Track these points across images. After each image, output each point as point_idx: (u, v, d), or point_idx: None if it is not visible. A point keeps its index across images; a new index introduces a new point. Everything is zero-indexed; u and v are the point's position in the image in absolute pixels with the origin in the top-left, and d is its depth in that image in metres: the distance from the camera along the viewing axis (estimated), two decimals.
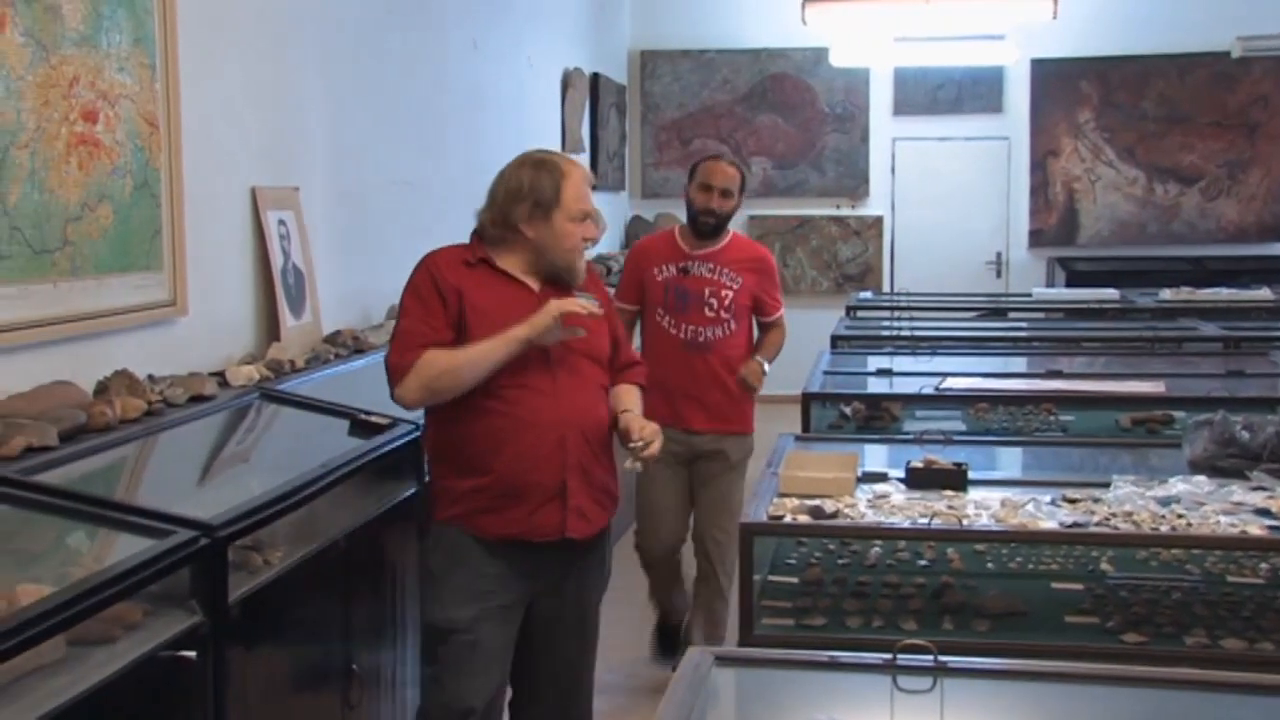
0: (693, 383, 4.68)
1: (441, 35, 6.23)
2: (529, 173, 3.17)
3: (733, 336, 4.72)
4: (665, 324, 4.72)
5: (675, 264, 4.74)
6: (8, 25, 3.02)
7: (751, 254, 4.86)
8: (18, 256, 3.08)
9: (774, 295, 4.84)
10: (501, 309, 3.10)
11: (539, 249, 3.17)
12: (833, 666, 2.26)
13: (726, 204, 4.69)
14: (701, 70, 11.00)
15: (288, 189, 4.49)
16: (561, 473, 3.09)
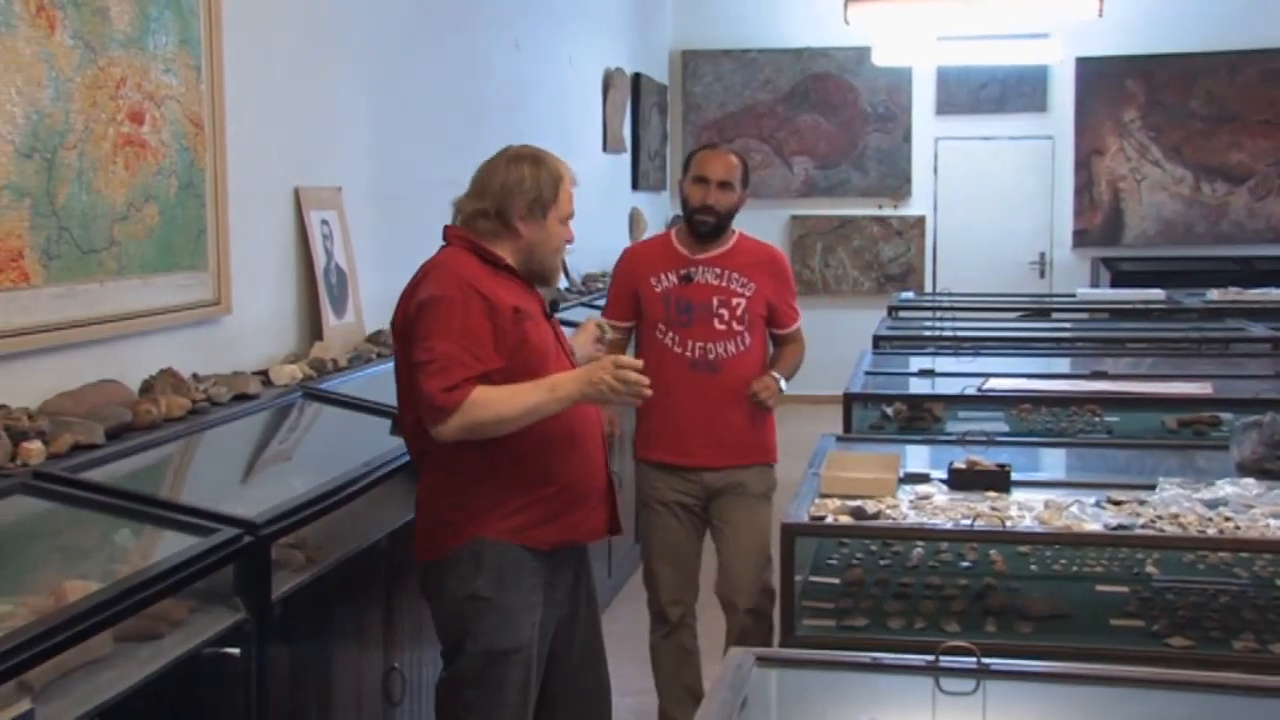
0: (703, 410, 4.00)
1: (484, 35, 6.25)
2: (529, 169, 3.05)
3: (748, 352, 4.04)
4: (668, 341, 4.03)
5: (675, 271, 4.06)
6: (58, 27, 3.05)
7: (763, 255, 4.17)
8: (66, 256, 3.11)
9: (790, 303, 4.18)
10: (534, 312, 3.05)
11: (530, 248, 3.06)
12: (875, 668, 2.24)
13: (726, 199, 4.03)
14: (743, 70, 10.98)
15: (330, 189, 4.52)
16: (606, 472, 3.14)
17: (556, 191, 3.05)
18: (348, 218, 4.57)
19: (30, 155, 2.97)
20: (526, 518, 2.99)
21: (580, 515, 3.08)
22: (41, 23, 3.00)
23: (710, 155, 4.12)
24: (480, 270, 2.99)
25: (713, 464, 4.02)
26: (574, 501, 3.06)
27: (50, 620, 2.13)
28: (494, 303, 2.92)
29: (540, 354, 2.99)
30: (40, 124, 3.00)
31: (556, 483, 3.02)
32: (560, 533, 3.05)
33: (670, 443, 4.03)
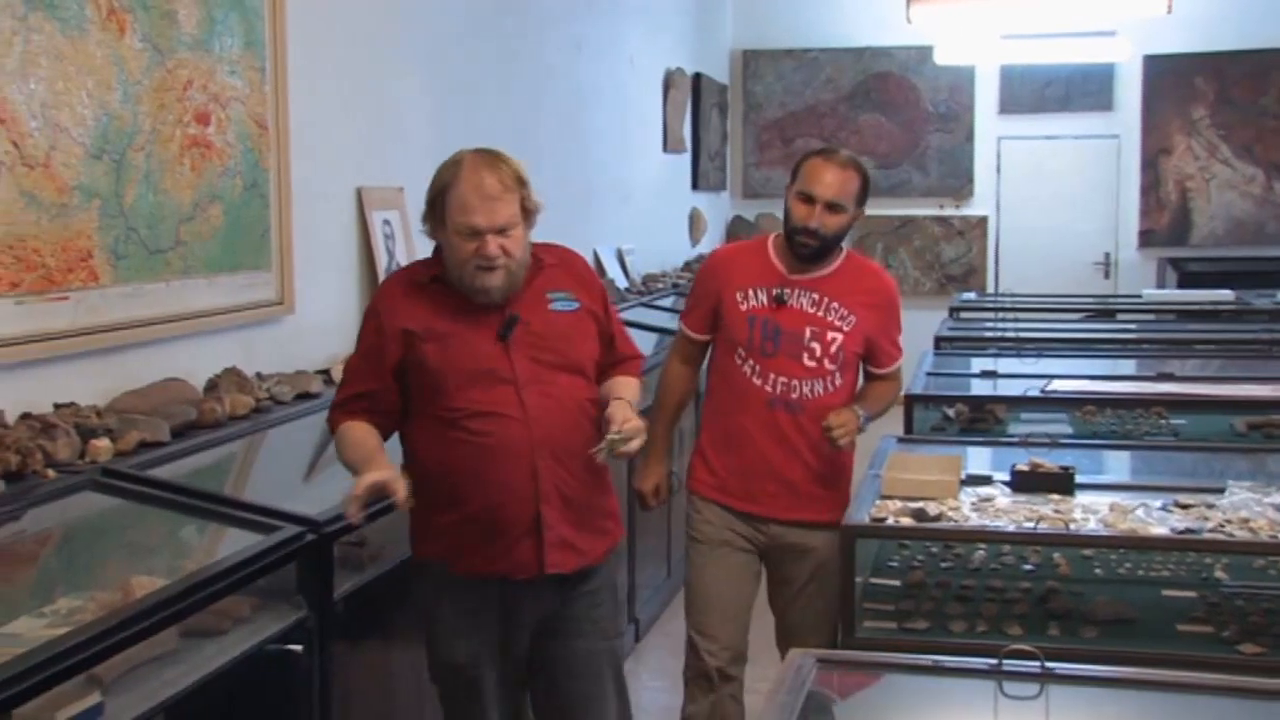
0: (777, 453, 3.45)
1: (545, 36, 6.27)
2: (436, 172, 2.82)
3: (835, 394, 3.45)
4: (746, 370, 3.45)
5: (768, 289, 3.46)
6: (127, 30, 3.09)
7: (871, 282, 3.54)
8: (133, 256, 3.15)
9: (894, 340, 3.59)
10: (459, 330, 2.77)
11: (448, 260, 2.80)
12: (937, 671, 2.23)
13: (835, 221, 3.38)
14: (804, 69, 10.94)
15: (392, 189, 4.55)
16: (535, 504, 2.75)
17: (442, 199, 2.74)
18: (409, 217, 4.60)
19: (100, 157, 3.02)
20: (446, 542, 2.81)
21: (501, 547, 2.77)
22: (112, 26, 3.04)
23: (822, 167, 3.39)
24: (409, 283, 2.85)
25: (781, 515, 3.48)
26: (489, 531, 2.76)
27: (118, 615, 2.16)
28: (383, 322, 2.80)
29: (447, 377, 2.75)
30: (109, 126, 3.05)
31: (460, 511, 2.77)
32: (485, 563, 2.79)
33: (735, 485, 3.51)
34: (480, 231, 2.69)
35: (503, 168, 2.76)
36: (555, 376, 2.81)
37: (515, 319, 2.79)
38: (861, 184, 3.43)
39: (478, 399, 2.74)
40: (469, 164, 2.75)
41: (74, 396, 2.97)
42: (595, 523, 2.90)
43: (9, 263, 2.77)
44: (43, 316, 2.88)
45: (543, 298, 2.85)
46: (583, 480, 2.83)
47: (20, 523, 2.56)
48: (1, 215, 2.74)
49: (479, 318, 2.78)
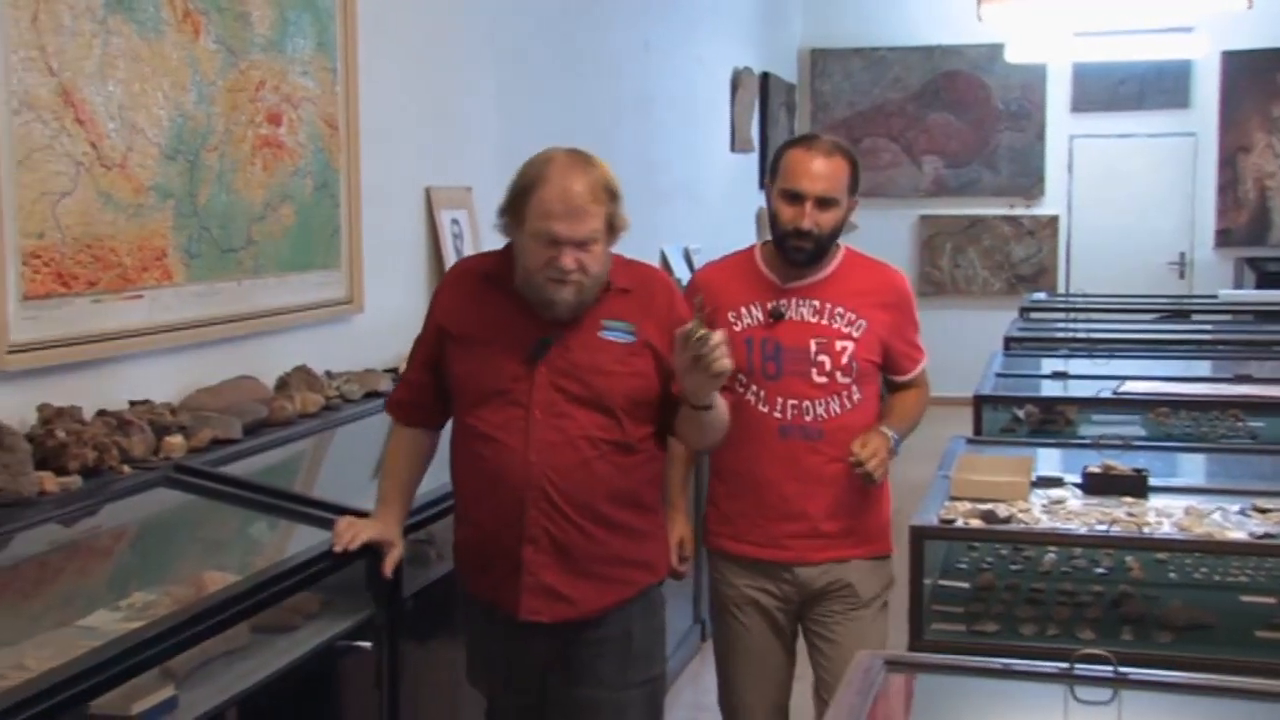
0: (796, 488, 3.00)
1: (612, 35, 6.28)
2: (521, 167, 2.58)
3: (856, 411, 3.01)
4: (750, 398, 3.00)
5: (762, 304, 3.03)
6: (202, 32, 3.14)
7: (877, 279, 3.10)
8: (206, 255, 3.19)
9: (912, 341, 3.13)
10: (494, 340, 2.57)
11: (519, 261, 2.56)
12: (1007, 674, 2.20)
13: (828, 218, 2.95)
14: (873, 68, 10.87)
15: (461, 189, 4.57)
16: (518, 544, 2.54)
17: (524, 199, 2.50)
18: (478, 217, 4.62)
19: (174, 157, 3.06)
20: (459, 556, 2.71)
21: (491, 579, 2.62)
22: (187, 28, 3.09)
23: (804, 158, 2.96)
24: (466, 274, 2.71)
25: (810, 558, 3.03)
26: (482, 558, 2.63)
27: (191, 610, 2.19)
28: (433, 312, 2.69)
29: (465, 390, 2.60)
30: (184, 127, 3.09)
31: (464, 529, 2.68)
32: (481, 589, 2.67)
33: (754, 531, 3.06)
34: (559, 241, 2.45)
35: (595, 175, 2.51)
36: (574, 410, 2.53)
37: (548, 343, 2.54)
38: (852, 171, 3.00)
39: (486, 419, 2.55)
40: (559, 166, 2.50)
41: (149, 394, 3.01)
42: (603, 571, 2.59)
43: (87, 261, 2.81)
44: (119, 315, 2.92)
45: (595, 323, 2.56)
46: (586, 527, 2.54)
47: (97, 518, 2.60)
48: (79, 215, 2.79)
49: (518, 332, 2.55)
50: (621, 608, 2.63)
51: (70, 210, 2.76)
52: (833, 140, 3.04)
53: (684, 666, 4.87)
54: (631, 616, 2.66)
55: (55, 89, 2.71)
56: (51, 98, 2.70)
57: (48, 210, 2.70)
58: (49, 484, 2.51)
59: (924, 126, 10.82)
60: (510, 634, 2.63)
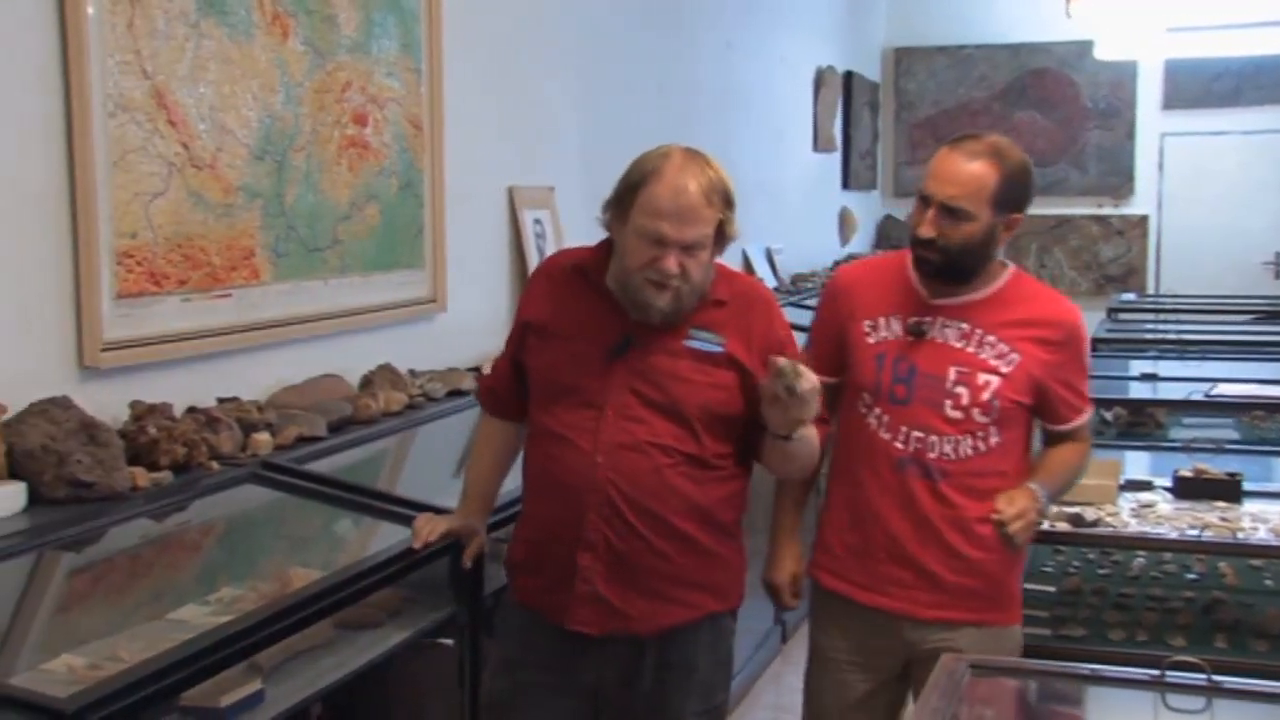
0: (909, 530, 2.63)
1: (695, 35, 6.27)
2: (634, 161, 2.43)
3: (989, 457, 2.62)
4: (872, 421, 2.66)
5: (903, 318, 2.68)
6: (290, 34, 3.18)
7: (1046, 311, 2.68)
8: (293, 255, 3.23)
9: (1077, 387, 2.71)
10: (576, 335, 2.46)
11: (620, 257, 2.44)
12: (1095, 680, 2.16)
13: (958, 231, 2.57)
14: (958, 67, 10.76)
15: (543, 188, 4.59)
16: (573, 548, 2.41)
17: (634, 193, 2.36)
18: (560, 217, 4.63)
19: (262, 158, 3.10)
20: (512, 555, 2.57)
21: (541, 582, 2.48)
22: (276, 30, 3.13)
23: (943, 157, 2.62)
24: (557, 267, 2.58)
25: (917, 613, 2.63)
26: (538, 560, 2.49)
27: (278, 605, 2.22)
28: (522, 304, 2.62)
29: (541, 386, 2.51)
30: (272, 127, 3.13)
31: (525, 528, 2.57)
32: (528, 594, 2.52)
33: (856, 569, 2.70)
34: (665, 241, 2.32)
35: (711, 177, 2.38)
36: (649, 416, 2.40)
37: (630, 341, 2.42)
38: (1002, 181, 2.59)
39: (559, 417, 2.45)
40: (676, 162, 2.36)
41: (236, 391, 3.06)
42: (665, 589, 2.42)
43: (177, 261, 2.86)
44: (207, 313, 2.97)
45: (683, 330, 2.43)
46: (651, 539, 2.39)
47: (186, 513, 2.64)
48: (171, 215, 2.83)
49: (601, 330, 2.44)
50: (687, 634, 2.46)
51: (162, 210, 2.81)
52: (990, 143, 2.62)
53: (764, 668, 4.84)
54: (698, 647, 2.49)
55: (149, 91, 2.76)
56: (145, 100, 2.75)
57: (140, 210, 2.75)
58: (141, 479, 2.55)
59: (1009, 125, 10.67)
60: (556, 648, 2.45)
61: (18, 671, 1.96)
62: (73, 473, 2.42)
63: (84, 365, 2.67)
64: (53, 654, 2.01)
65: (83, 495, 2.44)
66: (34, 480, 2.40)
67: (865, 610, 2.68)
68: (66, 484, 2.41)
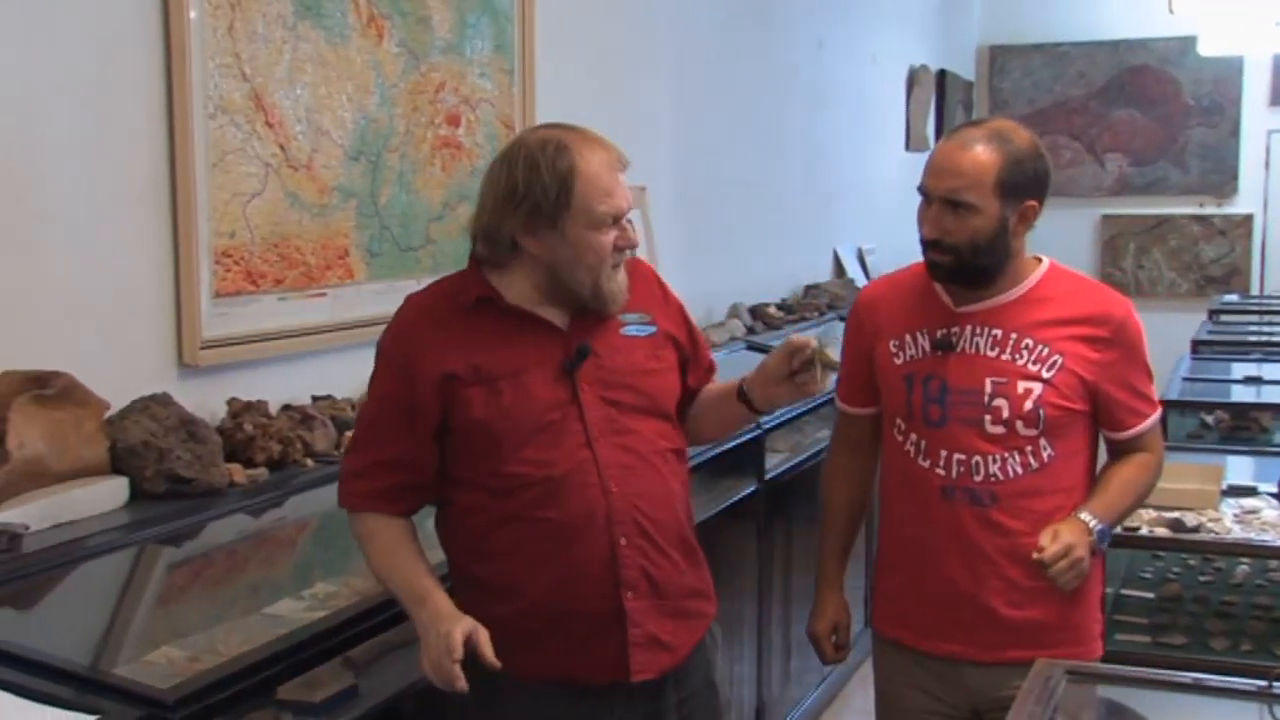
0: (962, 567, 2.41)
1: (787, 35, 6.24)
2: (524, 167, 2.13)
3: (1044, 474, 2.38)
4: (910, 449, 2.46)
5: (928, 332, 2.46)
6: (385, 36, 3.21)
7: (1089, 305, 2.42)
8: (386, 254, 3.27)
9: (1137, 387, 2.43)
10: (518, 369, 2.13)
11: (551, 270, 2.15)
12: (1197, 689, 2.11)
13: (963, 226, 2.35)
14: (1054, 64, 10.60)
15: (635, 188, 4.58)
16: (615, 592, 2.13)
17: (566, 192, 2.11)
18: (651, 216, 4.63)
19: (357, 158, 3.14)
20: (500, 636, 2.06)
21: (568, 645, 2.14)
22: (371, 33, 3.16)
23: (940, 152, 2.41)
24: (442, 310, 2.20)
25: (981, 657, 2.41)
26: (555, 627, 2.14)
27: (371, 601, 2.24)
28: (413, 365, 2.13)
29: (501, 435, 2.11)
30: (367, 128, 3.17)
31: (522, 600, 2.13)
32: (550, 666, 2.15)
33: (913, 614, 2.50)
34: (621, 216, 2.16)
35: (605, 140, 2.24)
36: (635, 423, 2.18)
37: (586, 349, 2.16)
38: (1007, 166, 2.32)
39: (540, 460, 2.11)
40: (579, 142, 2.16)
41: (330, 389, 3.10)
42: (688, 605, 2.24)
43: (274, 260, 2.91)
44: (303, 312, 3.01)
45: (614, 320, 2.21)
46: (674, 556, 2.20)
47: (282, 509, 2.68)
48: (268, 215, 2.88)
49: (536, 351, 2.15)
50: (700, 652, 2.27)
51: (259, 210, 2.85)
52: (991, 128, 2.37)
53: (855, 670, 4.79)
54: (710, 661, 2.32)
55: (247, 94, 2.80)
56: (244, 102, 2.79)
57: (239, 211, 2.80)
58: (238, 475, 2.60)
59: (1107, 123, 10.50)
60: (577, 707, 2.16)
61: (121, 663, 2.00)
62: (172, 468, 2.46)
63: (183, 363, 2.72)
64: (154, 646, 2.05)
65: (182, 491, 2.48)
66: (136, 475, 2.45)
67: (925, 657, 2.49)
68: (166, 479, 2.46)
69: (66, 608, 2.21)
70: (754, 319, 5.41)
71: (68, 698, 1.73)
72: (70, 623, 2.15)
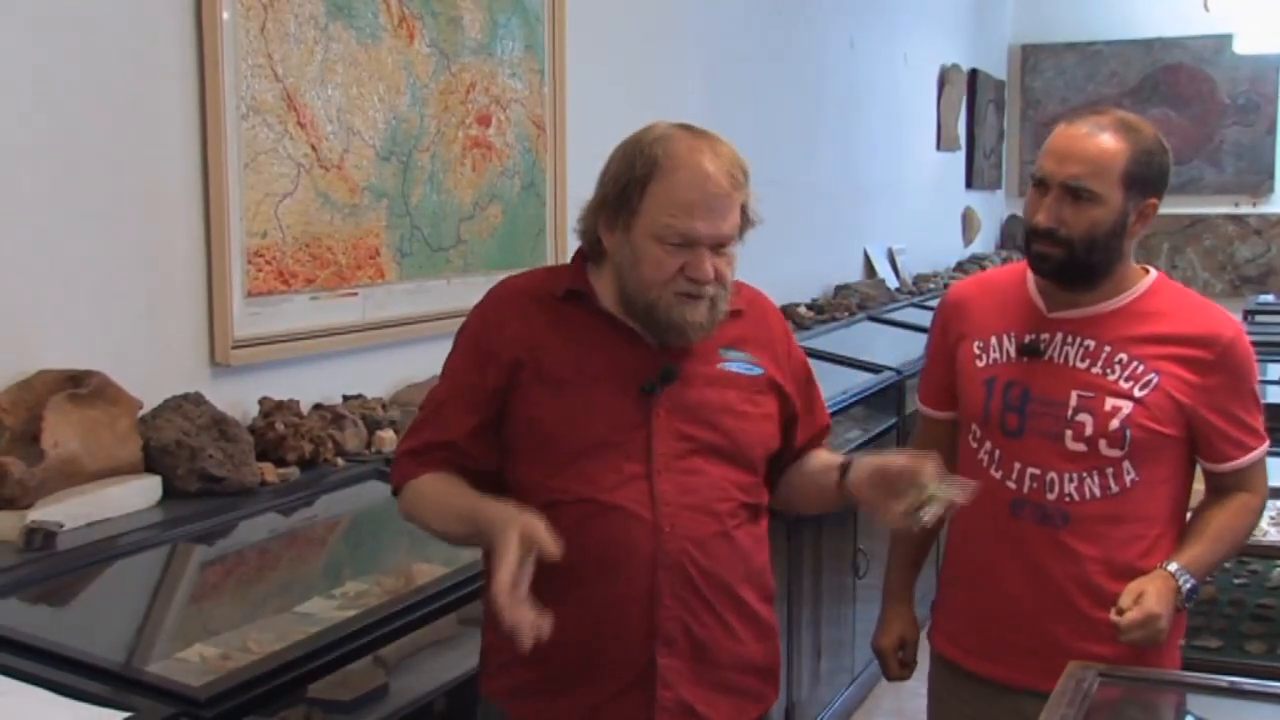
0: (1027, 588, 2.25)
1: (818, 34, 6.22)
2: (622, 152, 1.98)
3: (1126, 499, 2.21)
4: (983, 458, 2.30)
5: (1017, 336, 2.30)
6: (416, 37, 3.22)
7: (1194, 323, 2.23)
8: (417, 254, 3.27)
9: (1241, 417, 2.23)
10: (592, 377, 1.92)
11: (619, 275, 1.94)
12: (1233, 693, 2.09)
13: (1082, 216, 2.17)
14: (1087, 63, 10.53)
15: None
16: (648, 644, 1.88)
17: (641, 189, 1.89)
18: None
19: (388, 158, 3.15)
20: (512, 679, 1.94)
21: (589, 700, 1.90)
22: (402, 33, 3.17)
23: (1063, 133, 2.23)
24: (532, 296, 2.01)
25: (1036, 685, 2.16)
26: (575, 673, 1.90)
27: (402, 600, 2.24)
28: (489, 343, 1.96)
29: (555, 442, 1.90)
30: (398, 129, 3.17)
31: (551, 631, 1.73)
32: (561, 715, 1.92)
33: (972, 635, 2.35)
34: (697, 242, 1.87)
35: (728, 153, 1.93)
36: (708, 465, 1.93)
37: (673, 370, 1.93)
38: (1135, 157, 2.19)
39: (590, 481, 1.89)
40: (686, 145, 1.90)
41: (361, 389, 3.10)
42: (738, 681, 1.97)
43: (305, 260, 2.92)
44: (334, 312, 3.02)
45: (713, 351, 1.97)
46: (729, 620, 1.94)
47: (313, 508, 2.69)
48: (299, 215, 2.89)
49: (620, 365, 1.93)
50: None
51: (291, 210, 2.86)
52: (1116, 116, 2.22)
53: None
54: None
55: (280, 94, 2.81)
56: (276, 102, 2.80)
57: (270, 211, 2.81)
58: (269, 474, 2.61)
59: None
60: None
61: (153, 660, 2.01)
62: (205, 467, 2.47)
63: (215, 362, 2.73)
64: (186, 643, 2.06)
65: (214, 489, 2.49)
66: (168, 474, 2.46)
67: (978, 680, 2.32)
68: (199, 478, 2.47)
69: (100, 605, 2.22)
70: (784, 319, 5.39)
71: (101, 694, 1.74)
72: (104, 620, 2.16)
